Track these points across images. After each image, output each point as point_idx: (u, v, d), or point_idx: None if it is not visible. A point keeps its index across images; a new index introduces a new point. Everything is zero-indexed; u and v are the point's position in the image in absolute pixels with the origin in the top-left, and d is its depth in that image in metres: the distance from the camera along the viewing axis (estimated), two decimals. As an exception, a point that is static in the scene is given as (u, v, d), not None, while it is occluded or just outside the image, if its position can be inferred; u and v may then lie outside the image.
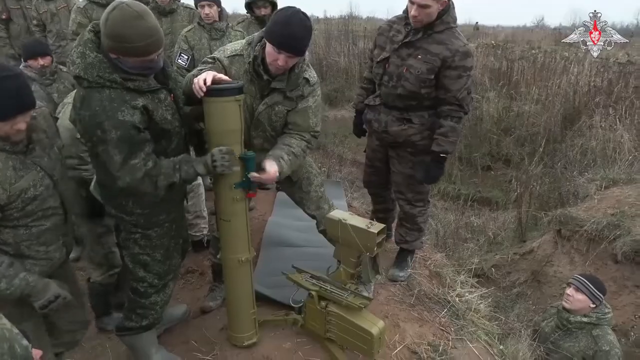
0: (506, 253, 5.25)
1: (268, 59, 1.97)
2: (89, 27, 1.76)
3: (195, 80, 1.80)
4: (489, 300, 3.11)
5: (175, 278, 2.38)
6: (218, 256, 2.19)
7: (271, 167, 1.94)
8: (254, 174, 1.92)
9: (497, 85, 8.90)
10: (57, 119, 1.91)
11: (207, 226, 3.32)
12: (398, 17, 2.53)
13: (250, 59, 2.01)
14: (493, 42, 13.45)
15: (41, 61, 3.15)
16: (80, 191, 2.33)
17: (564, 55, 10.05)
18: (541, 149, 7.02)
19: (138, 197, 1.92)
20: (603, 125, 6.78)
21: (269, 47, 1.94)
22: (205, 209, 3.31)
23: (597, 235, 4.33)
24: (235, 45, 2.12)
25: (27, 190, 1.65)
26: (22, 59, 3.31)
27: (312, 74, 2.13)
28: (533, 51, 11.54)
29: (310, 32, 1.96)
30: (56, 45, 4.77)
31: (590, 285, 2.81)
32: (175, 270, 2.27)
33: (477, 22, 22.95)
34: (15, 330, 0.75)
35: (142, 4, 1.70)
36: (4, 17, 5.11)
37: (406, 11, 2.42)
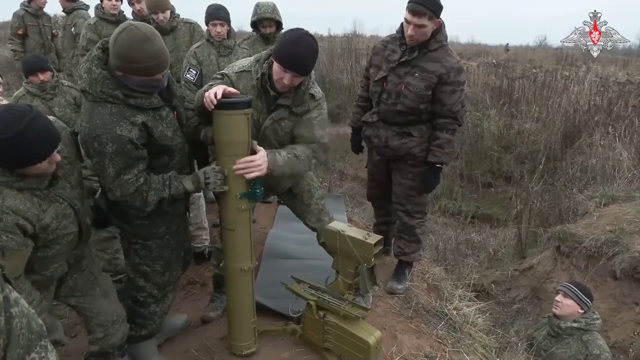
0: (506, 269, 5.26)
1: (275, 77, 2.04)
2: (97, 44, 1.83)
3: (207, 94, 1.87)
4: (487, 314, 3.13)
5: (175, 289, 2.42)
6: (221, 264, 2.23)
7: (260, 151, 1.95)
8: (240, 161, 1.90)
9: (498, 103, 8.99)
10: (76, 133, 1.95)
11: (208, 237, 3.37)
12: (392, 37, 2.64)
13: (259, 76, 2.08)
14: (494, 61, 13.61)
15: (41, 76, 3.24)
16: (88, 200, 2.40)
17: (564, 74, 10.16)
18: (541, 167, 7.06)
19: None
20: (602, 144, 6.84)
21: (276, 66, 2.01)
22: (206, 220, 3.36)
23: (596, 251, 4.35)
24: (243, 62, 2.19)
25: (51, 223, 1.70)
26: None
27: (317, 90, 2.20)
28: (534, 70, 11.68)
29: (316, 54, 2.03)
30: (69, 57, 4.96)
31: (578, 291, 2.94)
32: (175, 281, 2.32)
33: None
34: (32, 310, 0.81)
35: (150, 27, 1.77)
36: (20, 32, 5.32)
37: (400, 31, 2.53)
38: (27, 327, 0.77)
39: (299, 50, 1.95)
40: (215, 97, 1.84)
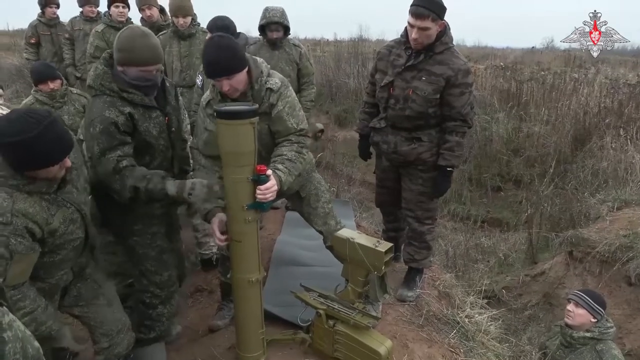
0: (517, 275, 5.18)
1: (222, 91, 2.09)
2: (107, 50, 2.09)
3: (216, 235, 2.06)
4: (500, 322, 3.07)
5: (177, 291, 2.48)
6: (228, 275, 2.20)
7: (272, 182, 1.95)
8: (258, 188, 1.91)
9: (507, 107, 8.90)
10: (82, 141, 2.12)
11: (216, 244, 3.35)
12: (396, 42, 2.61)
13: (219, 97, 2.14)
14: (502, 63, 13.52)
15: (51, 85, 3.24)
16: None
17: (573, 76, 10.05)
18: (551, 170, 6.96)
19: (114, 202, 2.09)
20: (614, 146, 6.73)
21: (213, 81, 2.09)
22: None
23: (609, 256, 4.27)
24: (206, 93, 2.26)
25: (59, 227, 1.71)
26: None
27: (274, 81, 2.17)
28: (542, 72, 11.58)
29: (227, 49, 2.00)
30: (81, 62, 5.03)
31: (590, 300, 2.82)
32: (174, 283, 2.40)
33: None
34: (28, 332, 0.78)
35: (148, 29, 2.09)
36: (33, 41, 5.47)
37: (405, 35, 2.50)
38: (22, 352, 0.74)
39: (208, 57, 2.01)
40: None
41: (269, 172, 1.94)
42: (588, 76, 9.99)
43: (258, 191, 1.90)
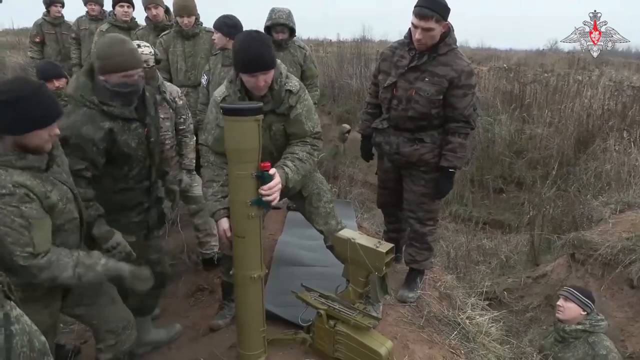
0: (519, 276, 5.17)
1: (248, 86, 2.10)
2: (89, 62, 2.16)
3: (221, 235, 2.19)
4: (501, 323, 3.07)
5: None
6: (231, 272, 2.21)
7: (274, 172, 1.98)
8: (262, 188, 1.93)
9: (510, 108, 8.89)
10: None
11: (217, 244, 3.35)
12: (400, 43, 2.61)
13: (238, 94, 2.15)
14: (505, 65, 13.49)
15: (56, 83, 3.26)
16: None
17: (577, 78, 10.02)
18: (554, 172, 6.94)
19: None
20: (617, 149, 6.71)
21: (243, 77, 2.08)
22: (215, 227, 3.35)
23: (612, 259, 4.25)
24: (221, 89, 2.26)
25: (58, 204, 1.73)
26: None
27: (293, 83, 2.20)
28: (546, 74, 11.55)
29: (267, 45, 2.05)
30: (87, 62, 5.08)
31: (578, 294, 2.99)
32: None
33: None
34: (35, 327, 0.79)
35: (125, 36, 2.16)
36: (37, 40, 5.51)
37: (408, 36, 2.50)
38: (29, 345, 0.75)
39: (251, 50, 2.01)
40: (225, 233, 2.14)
41: (273, 170, 1.95)
42: (592, 78, 9.97)
43: (262, 191, 1.92)
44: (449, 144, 2.52)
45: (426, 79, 2.45)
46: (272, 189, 1.93)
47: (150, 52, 2.77)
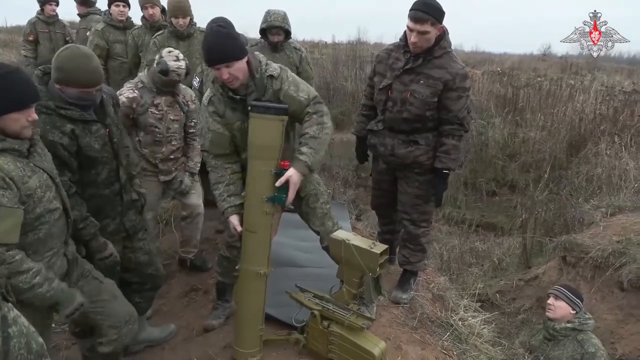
0: (511, 279, 5.21)
1: (222, 81, 2.10)
2: (39, 68, 2.07)
3: (231, 228, 2.22)
4: (493, 325, 3.09)
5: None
6: (237, 267, 2.22)
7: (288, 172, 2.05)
8: (280, 180, 2.02)
9: (503, 112, 8.96)
10: None
11: (195, 250, 3.40)
12: (395, 45, 2.64)
13: (220, 91, 2.16)
14: (499, 69, 13.59)
15: None
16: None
17: (569, 83, 10.13)
18: (546, 175, 7.00)
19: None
20: (609, 153, 6.78)
21: (214, 71, 2.09)
22: (198, 237, 3.40)
23: (602, 262, 4.30)
24: (207, 92, 2.28)
25: (36, 191, 1.71)
26: None
27: (272, 68, 2.20)
28: (539, 79, 11.65)
29: (226, 36, 2.04)
30: None
31: (568, 292, 3.06)
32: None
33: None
34: (32, 329, 0.78)
35: (89, 49, 2.09)
36: (31, 38, 5.48)
37: (404, 39, 2.52)
38: (26, 347, 0.75)
39: (209, 44, 2.02)
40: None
41: (292, 170, 2.04)
42: (584, 83, 10.06)
43: (280, 180, 2.01)
44: (443, 145, 2.55)
45: (421, 82, 2.48)
46: (290, 179, 2.02)
47: (185, 66, 2.81)
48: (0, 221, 1.56)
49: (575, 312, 3.02)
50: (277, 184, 2.03)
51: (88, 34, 5.06)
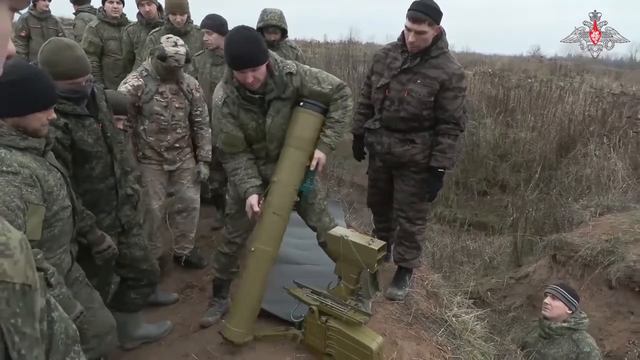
0: (502, 277, 5.28)
1: (242, 83, 2.13)
2: (31, 63, 2.00)
3: (248, 208, 2.27)
4: (485, 322, 3.15)
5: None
6: (252, 249, 2.26)
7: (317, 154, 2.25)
8: (312, 163, 2.25)
9: (494, 112, 9.07)
10: None
11: (190, 247, 3.39)
12: (393, 45, 2.67)
13: (236, 92, 2.18)
14: (490, 70, 13.72)
15: None
16: None
17: (559, 84, 10.26)
18: (537, 175, 7.11)
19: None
20: (597, 154, 6.89)
21: (235, 73, 2.12)
22: (194, 232, 3.39)
23: (591, 260, 4.38)
24: (218, 93, 2.28)
25: (53, 189, 1.73)
26: None
27: (289, 65, 2.25)
28: (529, 80, 11.78)
29: (254, 40, 2.08)
30: None
31: (565, 292, 3.09)
32: None
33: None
34: (65, 315, 0.80)
35: (71, 40, 2.10)
36: (22, 34, 5.40)
37: (401, 39, 2.56)
38: (65, 332, 0.76)
39: (238, 48, 2.04)
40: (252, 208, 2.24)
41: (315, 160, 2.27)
42: (573, 85, 10.21)
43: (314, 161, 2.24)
44: (439, 144, 2.58)
45: (418, 81, 2.51)
46: (318, 162, 2.25)
47: (185, 52, 2.80)
48: (29, 217, 1.57)
49: (571, 311, 3.04)
50: (312, 167, 2.24)
51: (72, 30, 5.07)
